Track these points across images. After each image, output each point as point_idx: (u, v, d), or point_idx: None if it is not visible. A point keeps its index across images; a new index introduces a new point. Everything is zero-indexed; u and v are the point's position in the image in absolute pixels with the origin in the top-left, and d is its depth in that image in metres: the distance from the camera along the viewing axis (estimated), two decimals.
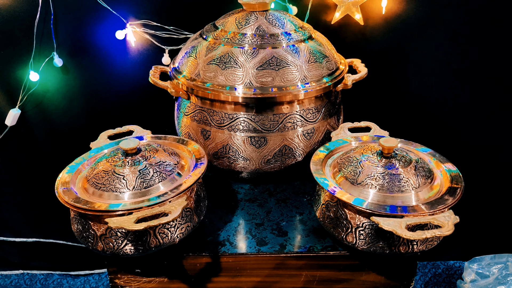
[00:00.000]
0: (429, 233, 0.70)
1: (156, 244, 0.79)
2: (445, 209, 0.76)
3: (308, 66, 0.98)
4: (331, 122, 1.05)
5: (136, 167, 0.82)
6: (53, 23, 1.28)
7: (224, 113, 0.97)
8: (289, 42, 0.99)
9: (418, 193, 0.80)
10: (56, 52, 1.31)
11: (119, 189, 0.79)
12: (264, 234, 0.91)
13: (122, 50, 1.34)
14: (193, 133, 1.03)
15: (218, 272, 0.88)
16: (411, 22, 1.31)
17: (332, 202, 0.83)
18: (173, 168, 0.85)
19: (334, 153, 0.93)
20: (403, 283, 0.89)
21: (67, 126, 1.43)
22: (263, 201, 1.01)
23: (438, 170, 0.87)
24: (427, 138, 1.18)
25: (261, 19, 1.01)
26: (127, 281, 0.88)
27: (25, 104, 1.38)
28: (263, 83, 0.94)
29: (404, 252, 0.79)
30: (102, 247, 0.79)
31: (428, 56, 1.35)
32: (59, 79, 1.36)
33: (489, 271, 1.46)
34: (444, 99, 1.41)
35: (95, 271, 1.66)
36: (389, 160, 0.83)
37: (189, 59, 1.02)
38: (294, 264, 0.87)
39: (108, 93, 1.40)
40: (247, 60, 0.95)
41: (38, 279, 1.64)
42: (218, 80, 0.96)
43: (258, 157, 0.99)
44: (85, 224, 0.80)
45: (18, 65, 1.33)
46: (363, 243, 0.80)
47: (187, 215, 0.83)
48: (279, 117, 0.97)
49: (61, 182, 0.83)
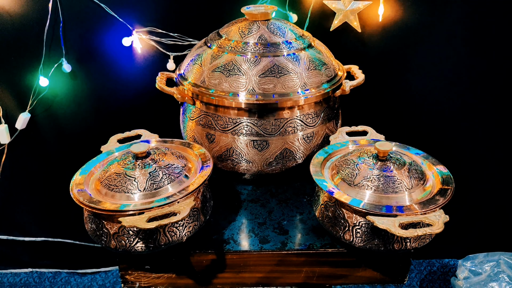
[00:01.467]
0: (420, 231, 0.75)
1: (166, 242, 0.84)
2: (436, 208, 0.81)
3: (308, 74, 1.02)
4: (329, 126, 1.10)
5: (147, 170, 0.87)
6: (62, 30, 1.32)
7: (228, 118, 1.02)
8: (289, 51, 1.04)
9: (411, 194, 0.85)
10: (65, 58, 1.35)
11: (130, 190, 0.84)
12: (266, 232, 0.96)
13: (129, 56, 1.38)
14: (198, 136, 1.08)
15: (223, 269, 0.92)
16: (407, 29, 1.34)
17: (331, 202, 0.88)
18: (181, 170, 0.90)
19: (332, 156, 0.98)
20: (398, 278, 0.94)
21: (75, 130, 1.47)
22: (265, 202, 1.06)
23: (431, 172, 0.92)
24: (421, 141, 1.22)
25: (263, 28, 1.06)
26: (137, 277, 0.93)
27: (34, 108, 1.42)
28: (265, 90, 0.99)
29: (398, 249, 0.84)
30: (115, 244, 0.84)
31: (424, 62, 1.39)
32: (67, 84, 1.40)
33: (482, 268, 1.50)
34: (438, 104, 1.45)
35: (101, 269, 1.69)
36: (384, 163, 0.88)
37: (194, 66, 1.07)
38: (295, 260, 0.92)
39: (115, 97, 1.43)
40: (250, 68, 1.00)
41: (47, 277, 1.67)
42: (222, 86, 1.01)
43: (260, 159, 1.04)
44: (98, 223, 0.84)
45: (28, 71, 1.37)
46: (360, 241, 0.85)
47: (194, 214, 0.88)
48: (280, 122, 1.02)
49: (75, 183, 0.88)
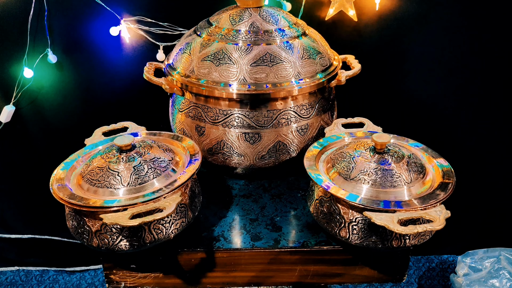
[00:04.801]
0: (420, 228, 0.71)
1: (151, 240, 0.80)
2: (437, 203, 0.77)
3: (301, 63, 0.98)
4: (324, 118, 1.05)
5: (131, 164, 0.82)
6: (47, 19, 1.28)
7: (219, 109, 0.98)
8: (283, 39, 0.99)
9: (410, 188, 0.81)
10: (50, 49, 1.31)
11: (113, 186, 0.80)
12: (258, 229, 0.92)
13: (117, 46, 1.34)
14: (187, 129, 1.03)
15: (213, 267, 0.88)
16: (404, 18, 1.31)
17: (326, 197, 0.84)
18: (167, 164, 0.85)
19: (327, 149, 0.94)
20: (396, 277, 0.90)
21: (61, 123, 1.43)
22: (258, 197, 1.02)
23: (430, 165, 0.88)
24: (419, 133, 1.19)
25: (255, 16, 1.02)
26: (122, 277, 0.89)
27: (19, 100, 1.38)
28: (257, 80, 0.95)
29: (397, 246, 0.80)
30: (97, 243, 0.79)
31: (421, 52, 1.36)
32: (53, 75, 1.36)
33: (482, 265, 1.47)
34: (437, 95, 1.42)
35: (90, 267, 1.66)
36: (381, 155, 0.84)
37: (183, 55, 1.02)
38: (288, 259, 0.88)
39: (103, 89, 1.40)
40: (241, 56, 0.95)
41: (34, 275, 1.64)
42: (212, 76, 0.96)
43: (252, 153, 1.00)
44: (80, 220, 0.80)
45: (12, 62, 1.33)
46: (356, 238, 0.81)
47: (181, 211, 0.83)
48: (273, 113, 0.97)
49: (56, 178, 0.83)
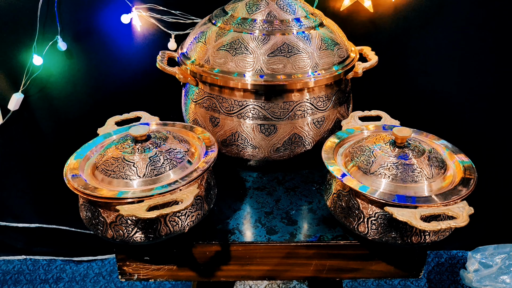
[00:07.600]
0: (444, 224, 0.69)
1: (167, 232, 0.78)
2: (459, 200, 0.75)
3: (319, 54, 0.96)
4: (341, 111, 1.03)
5: (147, 154, 0.80)
6: (57, 6, 1.26)
7: (234, 100, 0.96)
8: (300, 29, 0.97)
9: (431, 184, 0.79)
10: (60, 36, 1.28)
11: (129, 176, 0.78)
12: (274, 222, 0.90)
13: (128, 34, 1.32)
14: (201, 120, 1.02)
15: (228, 261, 0.87)
16: (421, 9, 1.29)
17: (344, 191, 0.82)
18: (183, 155, 0.83)
19: (345, 142, 0.92)
20: (412, 273, 0.89)
21: (71, 111, 1.41)
22: (272, 190, 1.00)
23: (451, 161, 0.86)
24: (438, 128, 1.16)
25: (272, 5, 0.99)
26: (135, 269, 0.87)
27: (28, 88, 1.36)
28: (274, 70, 0.93)
29: (416, 242, 0.79)
30: (112, 234, 0.78)
31: (438, 44, 1.33)
32: (63, 63, 1.34)
33: (492, 261, 1.46)
34: (455, 89, 1.40)
35: (98, 257, 1.65)
36: (402, 150, 0.82)
37: (198, 44, 1.00)
38: (304, 253, 0.87)
39: (113, 78, 1.38)
40: (258, 46, 0.93)
41: (41, 265, 1.63)
42: (228, 66, 0.94)
43: (267, 145, 0.98)
44: (94, 211, 0.78)
45: (21, 49, 1.31)
46: (375, 233, 0.79)
47: (197, 203, 0.82)
48: (289, 105, 0.96)
49: (70, 168, 0.82)
